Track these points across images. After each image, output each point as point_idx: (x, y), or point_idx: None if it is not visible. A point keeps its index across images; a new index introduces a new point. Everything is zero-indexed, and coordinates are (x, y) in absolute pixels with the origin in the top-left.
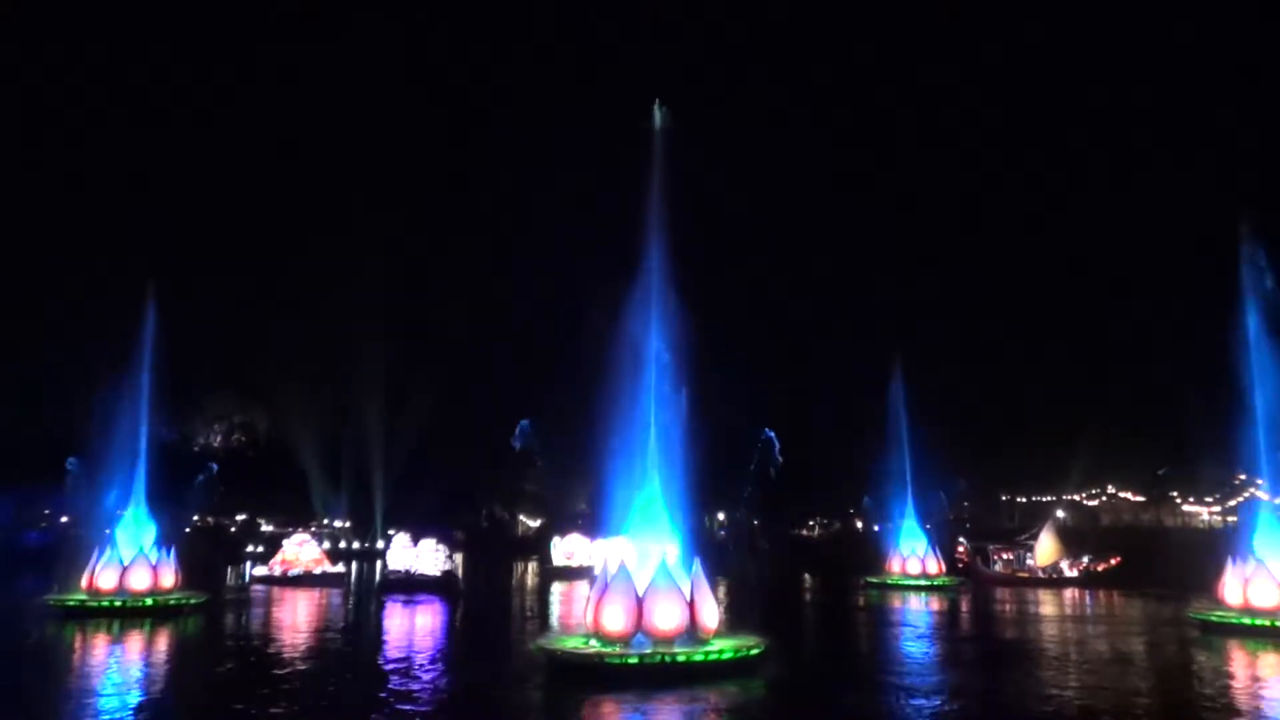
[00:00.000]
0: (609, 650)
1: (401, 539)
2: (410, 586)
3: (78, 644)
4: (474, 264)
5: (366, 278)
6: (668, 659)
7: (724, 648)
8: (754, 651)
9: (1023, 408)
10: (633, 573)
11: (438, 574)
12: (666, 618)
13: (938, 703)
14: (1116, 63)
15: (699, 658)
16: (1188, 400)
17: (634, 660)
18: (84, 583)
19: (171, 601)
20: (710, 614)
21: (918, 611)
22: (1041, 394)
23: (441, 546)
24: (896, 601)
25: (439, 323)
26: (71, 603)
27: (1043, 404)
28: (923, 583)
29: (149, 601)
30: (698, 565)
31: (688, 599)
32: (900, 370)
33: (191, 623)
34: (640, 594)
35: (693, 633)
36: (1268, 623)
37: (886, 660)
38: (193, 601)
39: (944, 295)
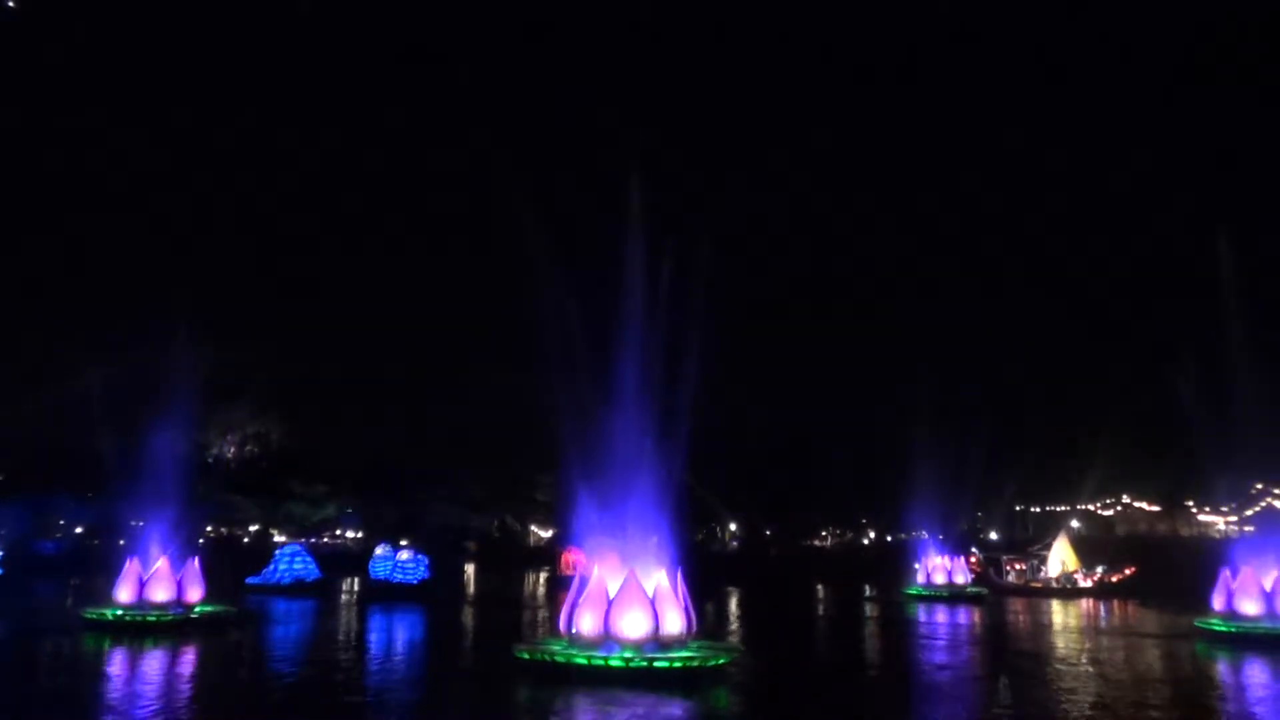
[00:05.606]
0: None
1: (382, 549)
2: (390, 595)
3: (122, 657)
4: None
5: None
6: (546, 657)
7: (618, 656)
8: (664, 663)
9: (1037, 417)
10: (589, 582)
11: (416, 582)
12: (588, 623)
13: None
14: (1120, 77)
15: (580, 660)
16: (1204, 409)
17: (525, 655)
18: (121, 595)
19: (203, 612)
20: (634, 624)
21: (934, 623)
22: (1056, 403)
23: (421, 556)
24: (917, 613)
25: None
26: (109, 615)
27: (1057, 413)
28: (948, 594)
29: (170, 616)
30: (629, 574)
31: (607, 605)
32: (913, 381)
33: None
34: (575, 601)
35: (611, 638)
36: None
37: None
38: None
39: (958, 307)
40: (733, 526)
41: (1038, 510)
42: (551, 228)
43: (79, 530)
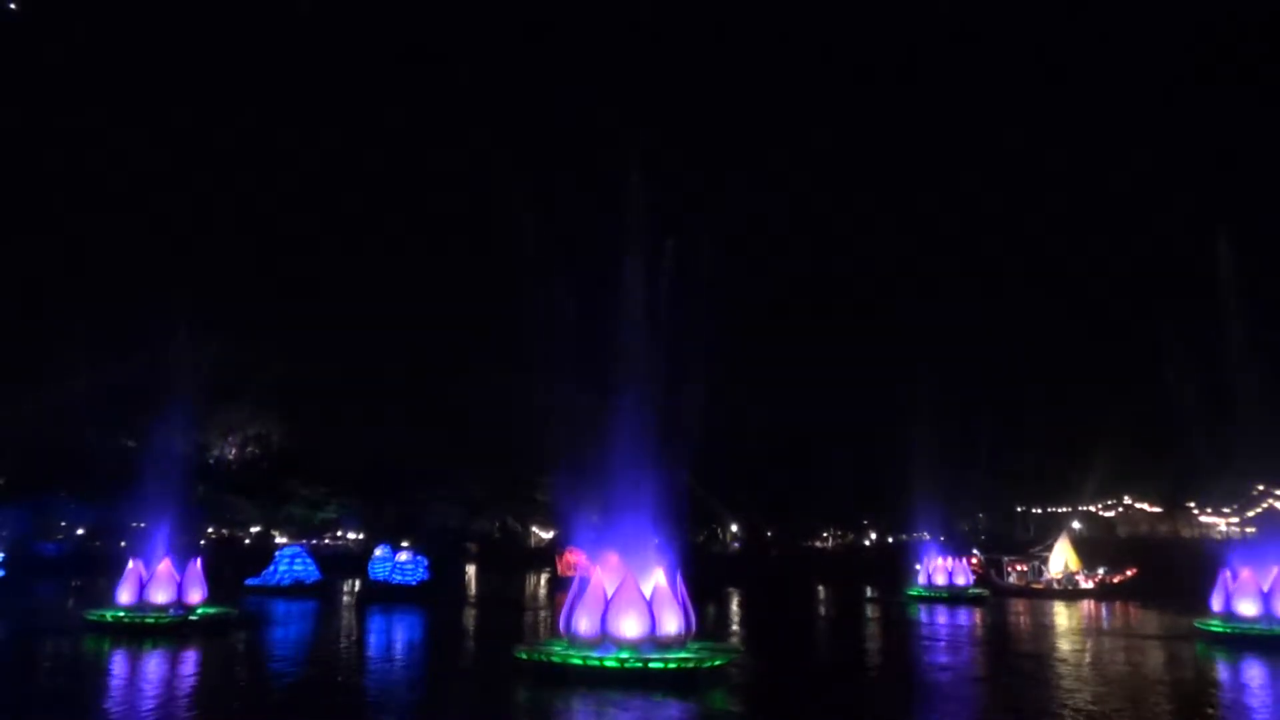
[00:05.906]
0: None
1: (381, 550)
2: (389, 596)
3: (122, 659)
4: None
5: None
6: (545, 658)
7: (614, 657)
8: (660, 664)
9: (1037, 417)
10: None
11: (415, 584)
12: (585, 624)
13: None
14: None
15: (576, 661)
16: (1204, 409)
17: (524, 656)
18: (122, 597)
19: (203, 613)
20: (630, 625)
21: (935, 624)
22: (1056, 403)
23: (420, 557)
24: (918, 614)
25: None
26: (109, 617)
27: (1057, 413)
28: (949, 595)
29: (170, 617)
30: (626, 575)
31: (603, 606)
32: (913, 381)
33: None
34: (574, 602)
35: (608, 639)
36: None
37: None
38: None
39: (958, 307)
40: (734, 528)
41: (1039, 511)
42: (551, 228)
43: (80, 532)
